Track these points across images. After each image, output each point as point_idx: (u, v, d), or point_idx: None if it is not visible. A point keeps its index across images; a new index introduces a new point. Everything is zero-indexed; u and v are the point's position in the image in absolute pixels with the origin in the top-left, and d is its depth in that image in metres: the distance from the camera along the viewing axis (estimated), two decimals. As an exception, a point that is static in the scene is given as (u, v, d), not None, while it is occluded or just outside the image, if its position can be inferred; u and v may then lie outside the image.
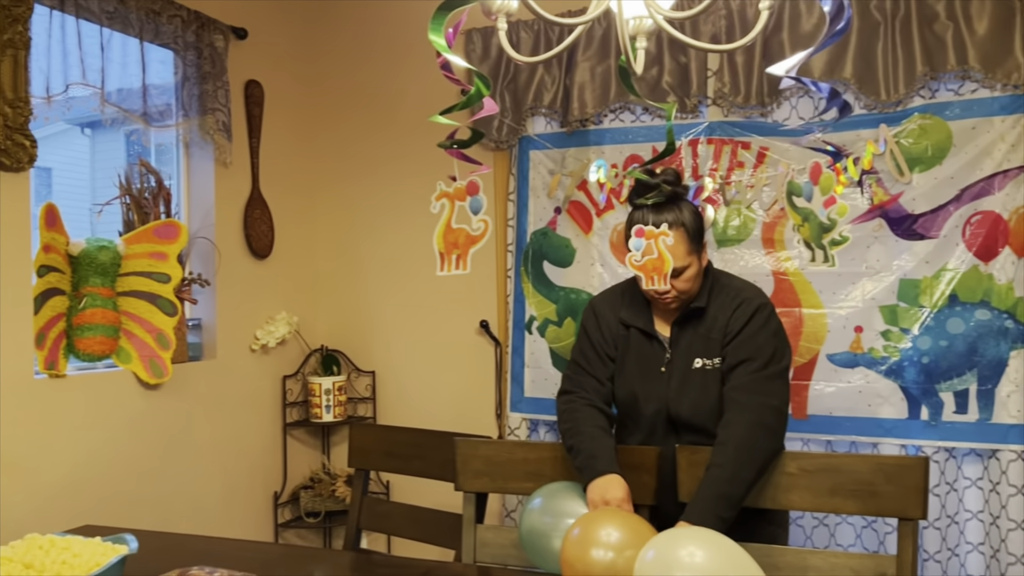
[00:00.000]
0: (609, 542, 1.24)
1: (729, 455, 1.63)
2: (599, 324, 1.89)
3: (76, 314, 2.41)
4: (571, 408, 1.82)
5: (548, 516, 1.60)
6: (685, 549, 1.20)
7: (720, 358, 1.77)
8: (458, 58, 1.15)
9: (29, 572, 1.35)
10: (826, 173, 1.40)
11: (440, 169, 3.13)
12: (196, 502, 2.76)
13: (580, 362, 1.89)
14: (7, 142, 2.15)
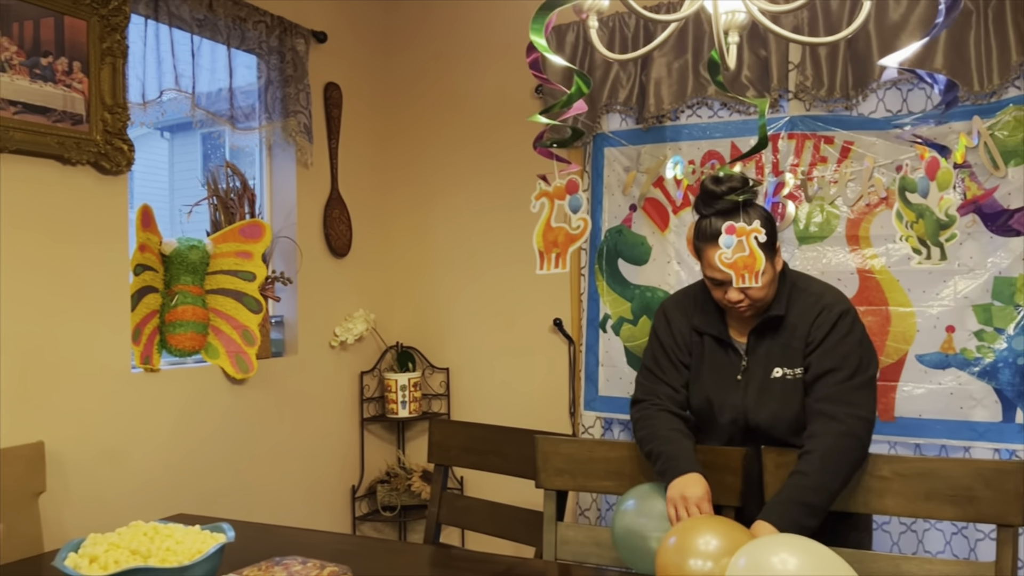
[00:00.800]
0: (707, 551, 1.21)
1: (815, 464, 1.59)
2: (671, 330, 1.86)
3: (168, 311, 2.51)
4: (646, 415, 1.81)
5: (644, 517, 1.59)
6: (777, 556, 1.18)
7: (802, 368, 1.72)
8: (558, 57, 1.15)
9: (135, 557, 1.41)
10: (943, 168, 1.36)
11: (514, 168, 3.16)
12: (278, 494, 2.84)
13: (653, 369, 1.87)
14: (107, 147, 2.25)
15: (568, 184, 1.19)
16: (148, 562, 1.39)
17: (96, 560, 1.40)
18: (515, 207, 3.16)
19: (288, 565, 1.51)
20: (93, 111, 2.21)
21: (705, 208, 1.74)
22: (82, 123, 2.19)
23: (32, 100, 2.07)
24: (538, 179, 1.28)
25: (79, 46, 2.18)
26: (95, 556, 1.41)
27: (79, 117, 2.19)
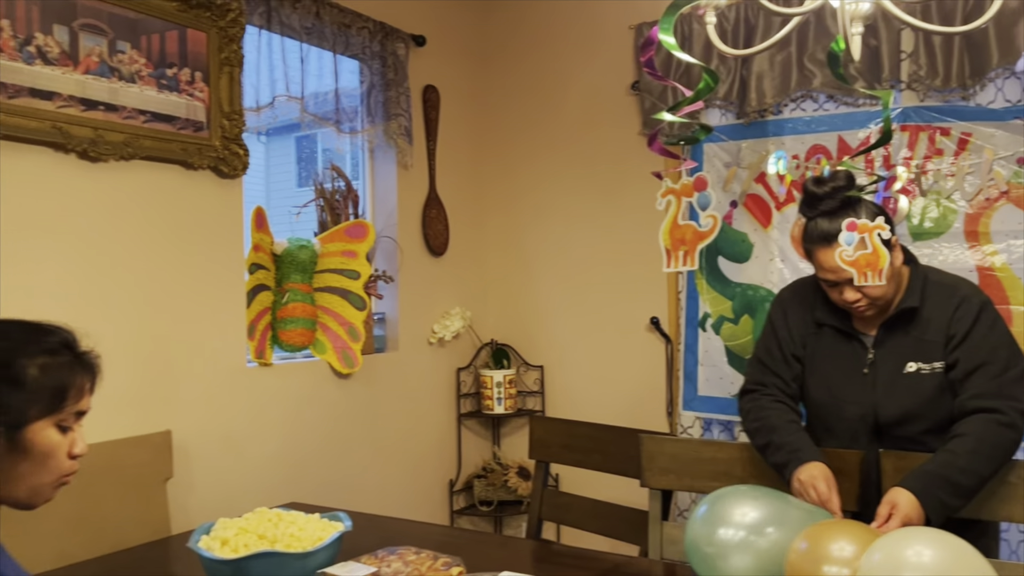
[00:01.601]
0: (842, 557, 1.18)
1: (969, 445, 1.53)
2: (787, 321, 1.81)
3: (280, 308, 2.61)
4: (758, 406, 1.76)
5: (709, 525, 1.51)
6: (912, 548, 1.14)
7: (942, 363, 1.66)
8: (686, 55, 1.15)
9: (263, 542, 1.48)
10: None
11: (609, 166, 3.15)
12: (380, 485, 2.92)
13: (764, 359, 1.83)
14: (225, 151, 2.36)
15: (696, 181, 1.18)
16: (275, 547, 1.46)
17: (227, 543, 1.47)
18: (610, 204, 3.16)
19: (403, 554, 1.55)
20: (212, 118, 2.33)
21: (809, 211, 1.69)
22: (203, 130, 2.31)
23: (159, 109, 2.20)
24: (656, 176, 1.28)
25: (200, 57, 2.30)
26: (226, 539, 1.48)
27: (200, 124, 2.30)
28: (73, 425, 1.06)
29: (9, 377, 0.98)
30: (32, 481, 1.01)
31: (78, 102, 2.01)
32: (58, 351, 1.04)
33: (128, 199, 2.14)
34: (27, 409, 0.99)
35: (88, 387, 1.08)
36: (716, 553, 1.36)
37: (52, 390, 1.01)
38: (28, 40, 1.91)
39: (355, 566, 1.48)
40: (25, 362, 1.00)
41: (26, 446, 1.00)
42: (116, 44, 2.10)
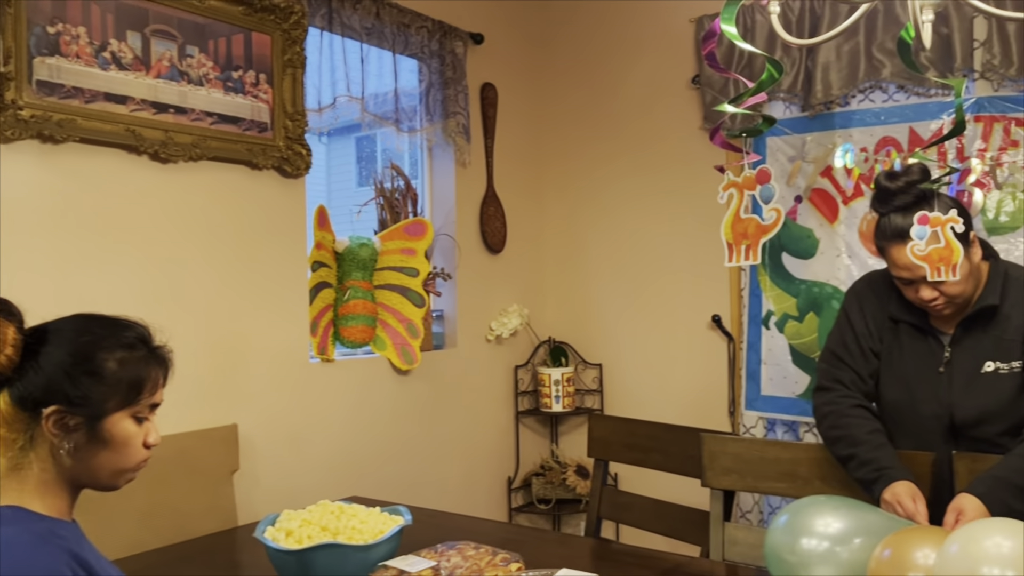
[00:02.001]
0: (928, 565, 1.14)
1: None
2: (864, 314, 1.75)
3: (341, 305, 2.66)
4: (837, 411, 1.71)
5: (791, 536, 1.48)
6: (991, 539, 1.09)
7: (1020, 362, 1.58)
8: (749, 45, 1.13)
9: (326, 534, 1.51)
10: None
11: (669, 161, 3.11)
12: (440, 481, 2.95)
13: (839, 353, 1.77)
14: (288, 151, 2.42)
15: (759, 174, 1.15)
16: (337, 538, 1.48)
17: (291, 534, 1.51)
18: (671, 200, 3.12)
19: (462, 549, 1.56)
20: (276, 119, 2.38)
21: (881, 206, 1.64)
22: (267, 130, 2.37)
23: (225, 111, 2.26)
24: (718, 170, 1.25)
25: (264, 59, 2.35)
26: (290, 531, 1.52)
27: (264, 125, 2.36)
28: (148, 416, 1.09)
29: (90, 370, 1.02)
30: (110, 468, 1.05)
31: (150, 105, 2.08)
32: (135, 346, 1.08)
33: (196, 199, 2.21)
34: (106, 401, 1.03)
35: (161, 380, 1.12)
36: (798, 562, 1.35)
37: (129, 383, 1.05)
38: (103, 46, 1.99)
39: (415, 560, 1.50)
40: (105, 356, 1.04)
41: (105, 436, 1.04)
42: (185, 49, 2.16)
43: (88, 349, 1.04)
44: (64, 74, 1.91)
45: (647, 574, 1.66)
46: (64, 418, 1.01)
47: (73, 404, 1.01)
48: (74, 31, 1.93)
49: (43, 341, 1.03)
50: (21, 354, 1.01)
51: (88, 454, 1.03)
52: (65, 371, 1.02)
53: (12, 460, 1.02)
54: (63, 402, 1.01)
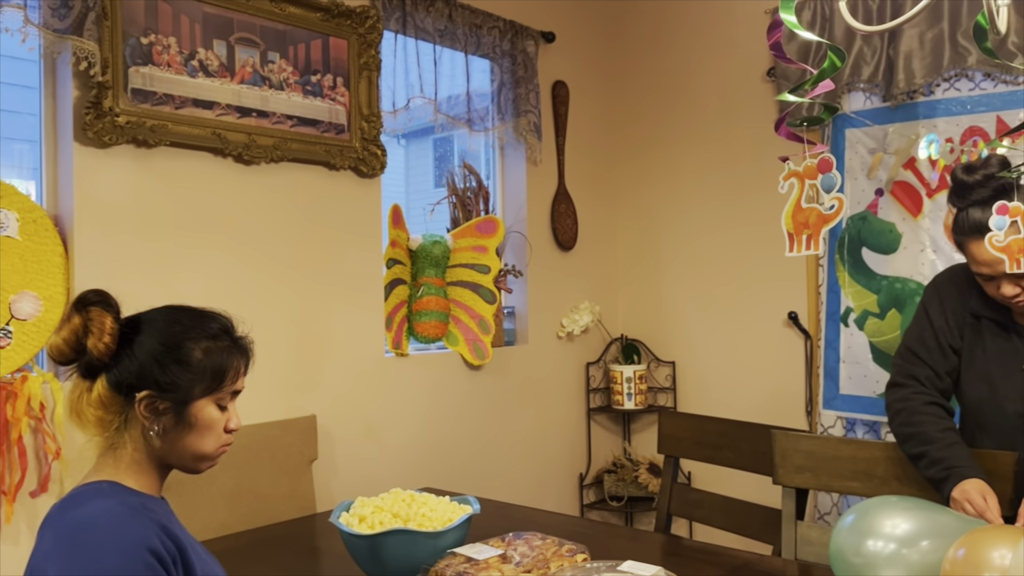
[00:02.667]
0: (1004, 565, 1.09)
1: None
2: (943, 309, 1.69)
3: (415, 301, 2.72)
4: (909, 408, 1.66)
5: (856, 536, 1.43)
6: None
7: None
8: (809, 33, 1.11)
9: (397, 520, 1.56)
10: None
11: (745, 156, 3.06)
12: (511, 475, 2.98)
13: (916, 350, 1.71)
14: (364, 152, 2.49)
15: (820, 163, 1.14)
16: (407, 525, 1.53)
17: (364, 520, 1.56)
18: (746, 195, 3.07)
19: (528, 539, 1.58)
20: (353, 121, 2.46)
21: (959, 200, 1.58)
22: (344, 132, 2.45)
23: (304, 114, 2.35)
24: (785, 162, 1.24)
25: (341, 63, 2.44)
26: (363, 516, 1.57)
27: (341, 127, 2.44)
28: (229, 403, 1.16)
29: (178, 359, 1.09)
30: (195, 451, 1.12)
31: (234, 110, 2.19)
32: (219, 336, 1.14)
33: (277, 199, 2.30)
34: (192, 388, 1.10)
35: (242, 369, 1.18)
36: (864, 564, 1.31)
37: (213, 371, 1.12)
38: (192, 55, 2.10)
39: (483, 548, 1.53)
40: (192, 346, 1.11)
41: (190, 420, 1.10)
42: (267, 55, 2.26)
43: (177, 339, 1.11)
44: (156, 82, 2.03)
45: (716, 571, 1.65)
46: (154, 402, 1.08)
47: (162, 389, 1.08)
48: (165, 41, 2.05)
49: (137, 330, 1.11)
50: (117, 342, 1.08)
51: (175, 436, 1.10)
52: (156, 359, 1.09)
53: (108, 440, 1.10)
54: (154, 387, 1.08)
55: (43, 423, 1.83)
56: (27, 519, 1.83)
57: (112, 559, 0.94)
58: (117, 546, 0.96)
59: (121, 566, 0.94)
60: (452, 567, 1.43)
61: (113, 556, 0.95)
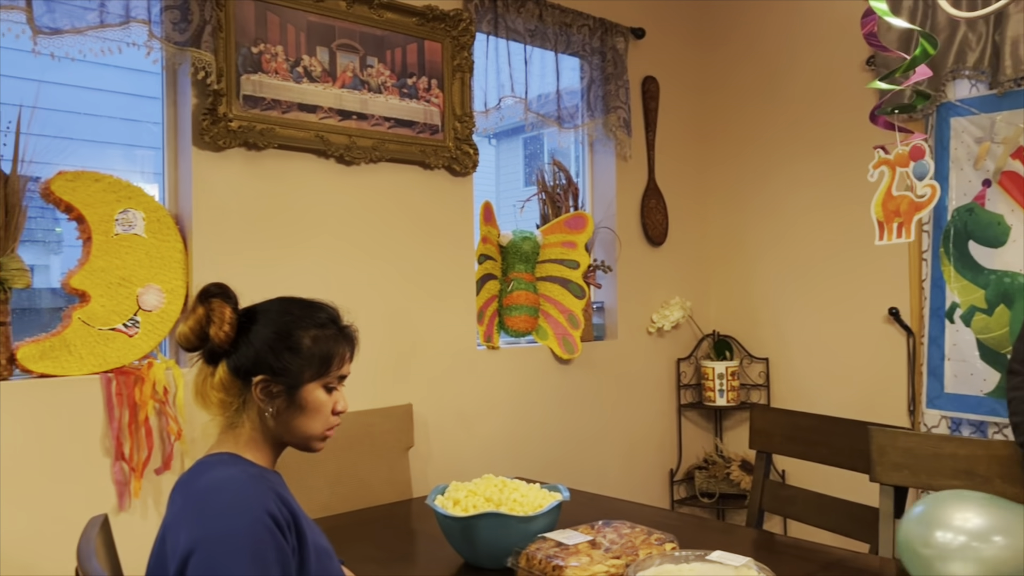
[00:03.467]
0: None
1: None
2: None
3: (506, 296, 2.79)
4: (1019, 396, 1.59)
5: (924, 526, 1.39)
6: None
7: None
8: (901, 20, 1.10)
9: (489, 504, 1.62)
10: None
11: (841, 149, 2.98)
12: (600, 469, 3.01)
13: None
14: (457, 152, 2.57)
15: (912, 150, 1.12)
16: (499, 509, 1.58)
17: (458, 503, 1.63)
18: (844, 188, 2.99)
19: (617, 527, 1.61)
20: (446, 121, 2.55)
21: None
22: (438, 132, 2.53)
23: (401, 115, 2.45)
24: (875, 150, 1.22)
25: (436, 65, 2.52)
26: (457, 500, 1.64)
27: (436, 127, 2.53)
28: (337, 387, 1.24)
29: (290, 346, 1.18)
30: (304, 430, 1.21)
31: (336, 113, 2.30)
32: (326, 325, 1.23)
33: (376, 197, 2.41)
34: (302, 372, 1.19)
35: (348, 355, 1.26)
36: (934, 555, 1.29)
37: (321, 357, 1.20)
38: (297, 62, 2.22)
39: (572, 533, 1.57)
40: (302, 334, 1.20)
41: (301, 403, 1.19)
42: (366, 60, 2.37)
43: (288, 328, 1.20)
44: (265, 88, 2.16)
45: (807, 567, 1.64)
46: (269, 386, 1.17)
47: (276, 374, 1.17)
48: (273, 50, 2.18)
49: (253, 320, 1.20)
50: (236, 330, 1.18)
51: (287, 417, 1.19)
52: (270, 346, 1.18)
53: (228, 419, 1.20)
54: (268, 372, 1.17)
55: (166, 406, 1.99)
56: (153, 495, 1.99)
57: (237, 520, 1.04)
58: (241, 508, 1.05)
59: (244, 526, 1.03)
60: (542, 550, 1.48)
61: (238, 517, 1.04)
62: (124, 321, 1.97)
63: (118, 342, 1.96)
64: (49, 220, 2.23)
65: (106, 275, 1.96)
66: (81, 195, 1.93)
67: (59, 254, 2.22)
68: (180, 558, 1.03)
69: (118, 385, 1.92)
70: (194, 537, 1.03)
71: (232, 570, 1.00)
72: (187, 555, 1.02)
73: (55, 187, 1.89)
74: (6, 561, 1.78)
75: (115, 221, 1.97)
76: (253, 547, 1.03)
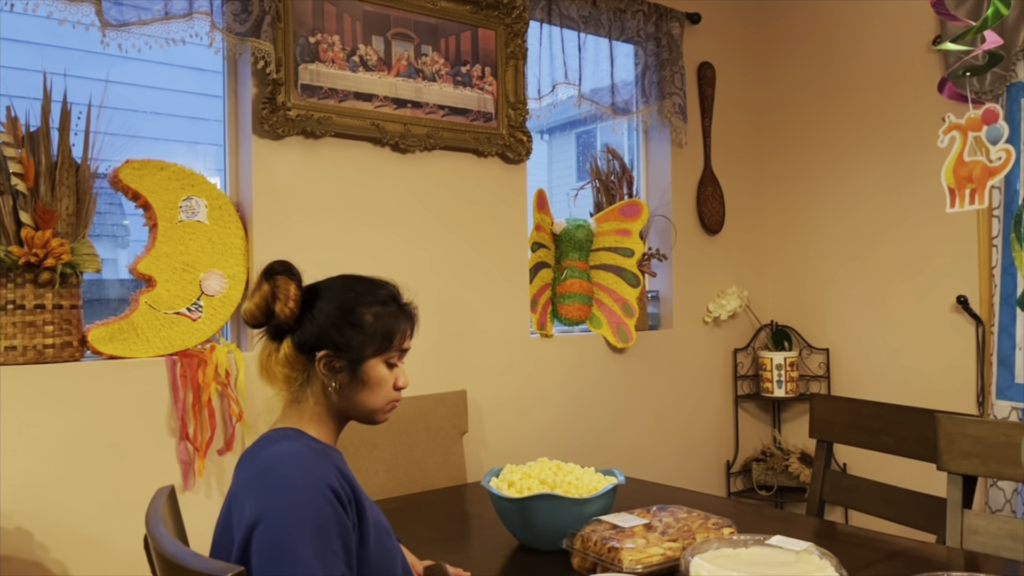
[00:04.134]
0: None
1: None
2: None
3: (559, 284, 2.78)
4: None
5: None
6: None
7: None
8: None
9: (543, 486, 1.62)
10: None
11: (906, 133, 2.89)
12: (655, 459, 2.98)
13: None
14: (510, 139, 2.57)
15: (985, 113, 1.07)
16: (554, 491, 1.58)
17: (513, 485, 1.63)
18: (908, 172, 2.90)
19: (674, 511, 1.60)
20: (500, 109, 2.55)
21: None
22: (491, 120, 2.54)
23: (455, 103, 2.46)
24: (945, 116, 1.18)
25: (489, 53, 2.53)
26: (512, 482, 1.64)
27: (489, 115, 2.53)
28: (398, 362, 1.25)
29: (352, 322, 1.20)
30: (367, 405, 1.22)
31: (391, 101, 2.33)
32: (387, 302, 1.24)
33: (430, 185, 2.43)
34: (364, 348, 1.20)
35: (409, 332, 1.27)
36: None
37: (383, 333, 1.21)
38: (353, 51, 2.25)
39: (628, 516, 1.56)
40: (364, 311, 1.21)
41: (363, 377, 1.21)
42: (421, 48, 2.38)
43: (351, 304, 1.21)
44: (322, 77, 2.20)
45: (871, 555, 1.59)
46: (332, 361, 1.19)
47: (339, 349, 1.19)
48: (330, 39, 2.21)
49: (317, 296, 1.23)
50: (300, 307, 1.20)
51: (350, 392, 1.21)
52: (333, 322, 1.20)
53: (293, 394, 1.23)
54: (331, 347, 1.19)
55: (228, 388, 2.04)
56: (216, 474, 2.05)
57: (299, 492, 1.06)
58: (304, 480, 1.07)
59: (307, 498, 1.05)
60: (598, 532, 1.47)
61: (300, 489, 1.06)
62: (188, 305, 2.03)
63: (182, 326, 2.01)
64: (117, 215, 2.30)
65: (171, 260, 2.01)
66: (147, 183, 1.99)
67: (126, 248, 2.30)
68: (245, 529, 1.05)
69: (182, 367, 1.98)
70: (259, 508, 1.05)
71: (296, 542, 1.02)
72: (252, 526, 1.04)
73: (123, 175, 1.96)
74: (79, 532, 1.85)
75: (179, 208, 2.03)
76: (316, 520, 1.04)
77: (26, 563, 1.78)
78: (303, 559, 1.02)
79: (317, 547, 1.03)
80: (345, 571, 1.07)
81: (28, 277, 1.80)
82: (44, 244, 1.78)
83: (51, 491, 1.82)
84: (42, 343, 1.82)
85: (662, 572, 1.38)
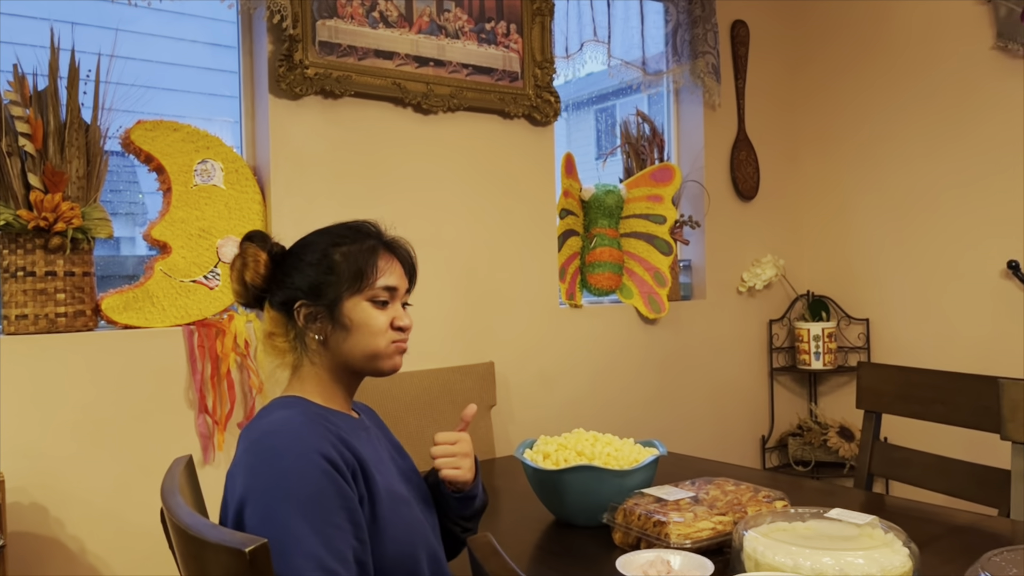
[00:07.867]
0: None
1: None
2: None
3: (588, 252, 2.67)
4: None
5: None
6: None
7: None
8: None
9: (581, 458, 1.53)
10: None
11: (951, 93, 2.74)
12: (687, 432, 2.88)
13: None
14: (537, 100, 2.46)
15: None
16: (593, 463, 1.49)
17: (548, 456, 1.54)
18: (953, 133, 2.75)
19: (720, 484, 1.50)
20: (526, 68, 2.43)
21: None
22: (517, 80, 2.42)
23: (479, 62, 2.34)
24: None
25: (514, 9, 2.41)
26: (547, 453, 1.55)
27: (515, 74, 2.42)
28: (389, 300, 1.15)
29: (319, 265, 1.13)
30: (363, 350, 1.13)
31: (412, 60, 2.22)
32: (358, 239, 1.16)
33: (454, 147, 2.32)
34: (337, 288, 1.12)
35: (393, 267, 1.16)
36: None
37: (354, 270, 1.13)
38: (373, 6, 2.15)
39: (672, 489, 1.46)
40: (331, 251, 1.14)
41: (344, 321, 1.12)
42: (443, 4, 2.27)
43: (317, 247, 1.15)
44: (341, 34, 2.09)
45: (934, 528, 1.49)
46: (309, 310, 1.12)
47: (312, 295, 1.12)
48: (348, -6, 2.10)
49: (287, 254, 1.17)
50: (270, 269, 1.14)
51: (338, 340, 1.13)
52: (299, 270, 1.13)
53: (291, 362, 1.16)
54: (303, 296, 1.12)
55: (247, 359, 1.96)
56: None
57: (287, 462, 0.98)
58: (292, 450, 0.99)
59: (295, 468, 0.98)
60: (641, 506, 1.38)
61: (288, 459, 0.98)
62: (205, 273, 1.94)
63: (199, 294, 1.93)
64: (133, 193, 2.23)
65: (186, 226, 1.93)
66: (160, 145, 1.90)
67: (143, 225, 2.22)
68: (235, 507, 0.99)
69: (200, 337, 1.90)
70: (247, 485, 0.99)
71: (287, 517, 0.95)
72: (241, 505, 0.99)
73: (135, 136, 1.87)
74: (95, 507, 1.79)
75: (194, 172, 1.94)
76: (308, 491, 0.97)
77: (41, 539, 1.72)
78: (297, 535, 0.94)
79: (313, 521, 0.95)
80: (355, 544, 0.99)
81: (38, 243, 1.72)
82: (54, 208, 1.70)
83: (66, 465, 1.76)
84: (54, 311, 1.74)
85: (712, 548, 1.29)
